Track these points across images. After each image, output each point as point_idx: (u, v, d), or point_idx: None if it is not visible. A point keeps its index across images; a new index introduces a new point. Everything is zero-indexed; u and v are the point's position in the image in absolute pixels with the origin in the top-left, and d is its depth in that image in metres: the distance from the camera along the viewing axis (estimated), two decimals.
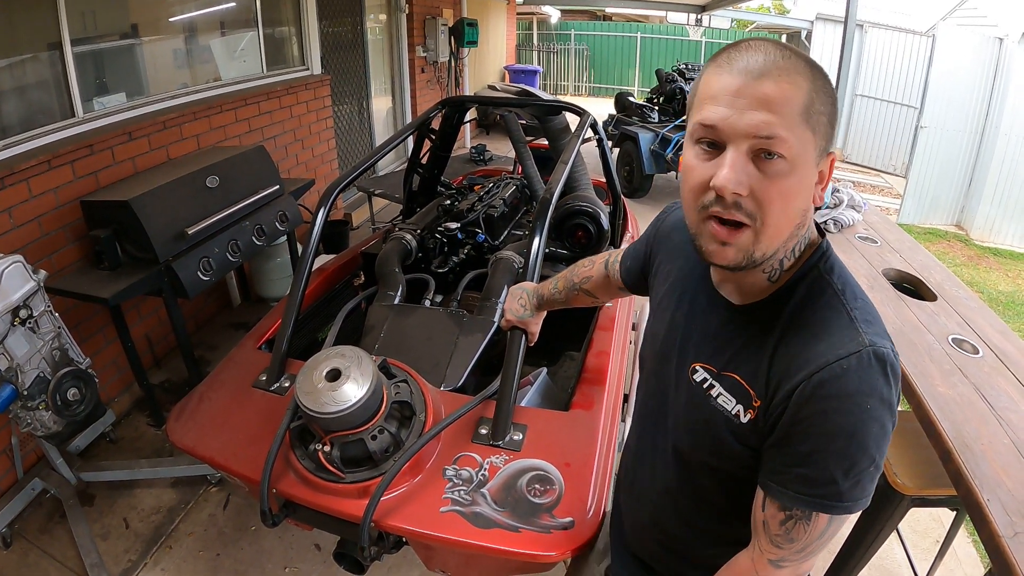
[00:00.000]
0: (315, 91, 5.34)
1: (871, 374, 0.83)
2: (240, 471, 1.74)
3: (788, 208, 0.84)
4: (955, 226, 8.37)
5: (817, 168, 0.85)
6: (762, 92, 0.79)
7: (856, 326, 0.86)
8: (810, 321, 0.90)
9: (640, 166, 7.26)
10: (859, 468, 0.84)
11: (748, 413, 0.93)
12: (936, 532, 2.81)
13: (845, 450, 0.84)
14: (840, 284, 0.91)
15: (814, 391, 0.84)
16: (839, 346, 0.85)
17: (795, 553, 0.93)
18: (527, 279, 1.90)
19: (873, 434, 0.83)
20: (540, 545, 1.48)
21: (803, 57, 0.82)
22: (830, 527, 0.90)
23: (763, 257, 0.87)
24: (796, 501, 0.88)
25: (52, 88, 3.10)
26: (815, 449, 0.85)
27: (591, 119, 2.93)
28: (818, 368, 0.84)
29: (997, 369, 2.08)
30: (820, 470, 0.85)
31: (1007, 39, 7.67)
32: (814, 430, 0.85)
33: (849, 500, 0.86)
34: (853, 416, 0.82)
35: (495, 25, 12.54)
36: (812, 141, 0.82)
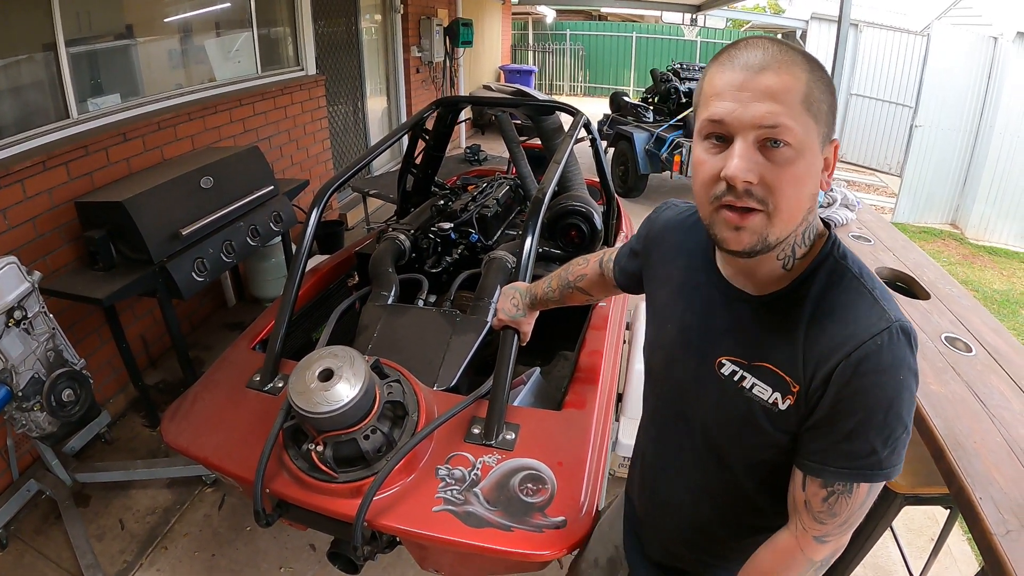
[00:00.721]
0: (310, 91, 5.34)
1: (901, 347, 0.88)
2: (234, 471, 1.75)
3: (798, 192, 0.88)
4: (950, 225, 8.39)
5: (822, 155, 0.89)
6: (764, 84, 0.84)
7: (880, 305, 0.91)
8: (837, 304, 0.93)
9: (635, 166, 7.27)
10: (896, 436, 0.91)
11: (787, 399, 0.96)
12: (931, 530, 2.81)
13: (885, 421, 0.89)
14: (857, 269, 0.96)
15: (855, 369, 0.88)
16: (870, 325, 0.89)
17: (838, 527, 0.97)
18: (520, 279, 1.90)
19: (906, 402, 0.89)
20: (532, 544, 1.49)
21: (799, 51, 0.87)
22: (869, 496, 0.96)
23: (777, 241, 0.90)
24: (839, 476, 0.93)
25: (47, 89, 3.10)
26: (857, 425, 0.90)
27: (584, 119, 2.93)
28: (854, 347, 0.89)
29: (990, 367, 2.08)
30: (862, 443, 0.91)
31: (1001, 38, 7.69)
32: (857, 406, 0.90)
33: (888, 467, 0.92)
34: (890, 388, 0.88)
35: (490, 25, 12.54)
36: (815, 128, 0.86)
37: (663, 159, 6.98)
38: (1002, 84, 7.59)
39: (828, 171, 0.91)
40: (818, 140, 0.87)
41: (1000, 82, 7.64)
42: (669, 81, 8.18)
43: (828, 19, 10.57)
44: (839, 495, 0.94)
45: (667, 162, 6.94)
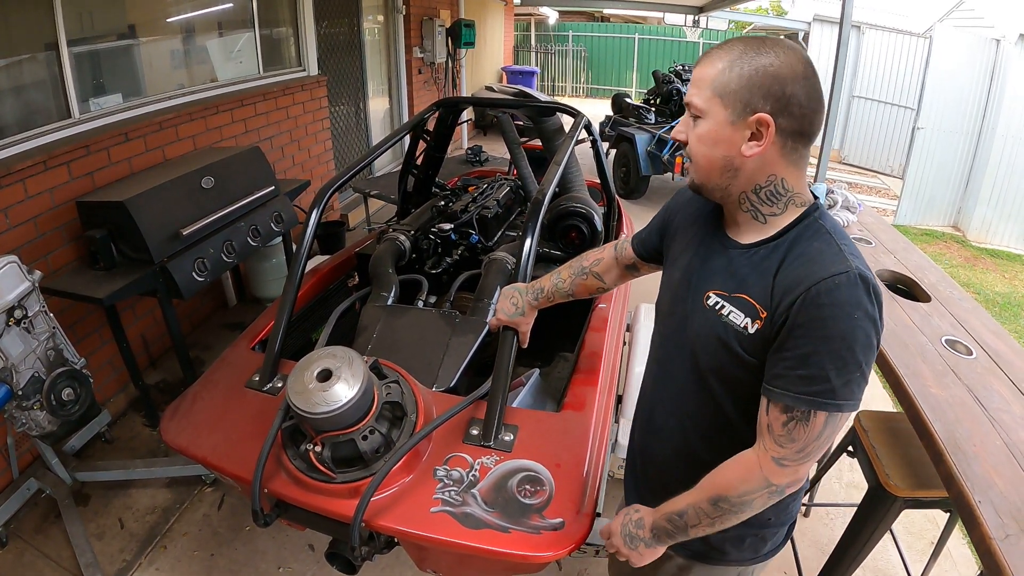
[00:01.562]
0: (311, 92, 5.34)
1: (857, 291, 1.03)
2: (232, 471, 1.74)
3: (704, 148, 1.15)
4: (952, 227, 8.38)
5: (734, 125, 1.10)
6: (695, 75, 1.15)
7: (844, 255, 1.07)
8: (807, 250, 1.11)
9: (636, 167, 7.26)
10: (849, 369, 1.03)
11: (755, 324, 1.13)
12: (931, 534, 2.81)
13: (838, 351, 1.02)
14: (831, 228, 1.13)
15: (812, 300, 1.04)
16: (831, 266, 1.05)
17: (795, 453, 1.09)
18: (519, 280, 1.90)
19: (860, 340, 1.02)
20: (530, 546, 1.48)
21: (736, 47, 1.09)
22: (826, 428, 1.07)
23: (703, 183, 1.19)
24: (797, 400, 1.06)
25: (48, 89, 3.10)
26: (813, 351, 1.04)
27: (585, 120, 2.93)
28: (814, 282, 1.04)
29: (990, 370, 2.08)
30: (816, 368, 1.04)
31: (1004, 40, 7.69)
32: (812, 333, 1.04)
33: (841, 399, 1.04)
34: (843, 322, 1.02)
35: (492, 26, 12.55)
36: (719, 103, 1.10)
37: (664, 161, 6.98)
38: (1004, 86, 7.59)
39: (758, 142, 1.09)
40: (724, 112, 1.10)
41: (1002, 84, 7.64)
42: (671, 83, 8.18)
43: (830, 21, 10.56)
44: (797, 421, 1.07)
45: (668, 164, 6.94)
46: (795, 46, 1.09)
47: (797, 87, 1.06)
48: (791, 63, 1.06)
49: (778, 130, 1.08)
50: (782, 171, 1.13)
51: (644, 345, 2.81)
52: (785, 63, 1.06)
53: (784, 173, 1.13)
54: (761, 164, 1.12)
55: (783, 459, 1.10)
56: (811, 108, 1.08)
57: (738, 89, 1.08)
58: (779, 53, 1.07)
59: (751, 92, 1.07)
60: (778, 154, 1.11)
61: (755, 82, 1.06)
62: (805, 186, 1.17)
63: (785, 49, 1.07)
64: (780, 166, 1.13)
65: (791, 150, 1.11)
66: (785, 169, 1.13)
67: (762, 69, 1.06)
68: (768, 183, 1.14)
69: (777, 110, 1.06)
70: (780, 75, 1.06)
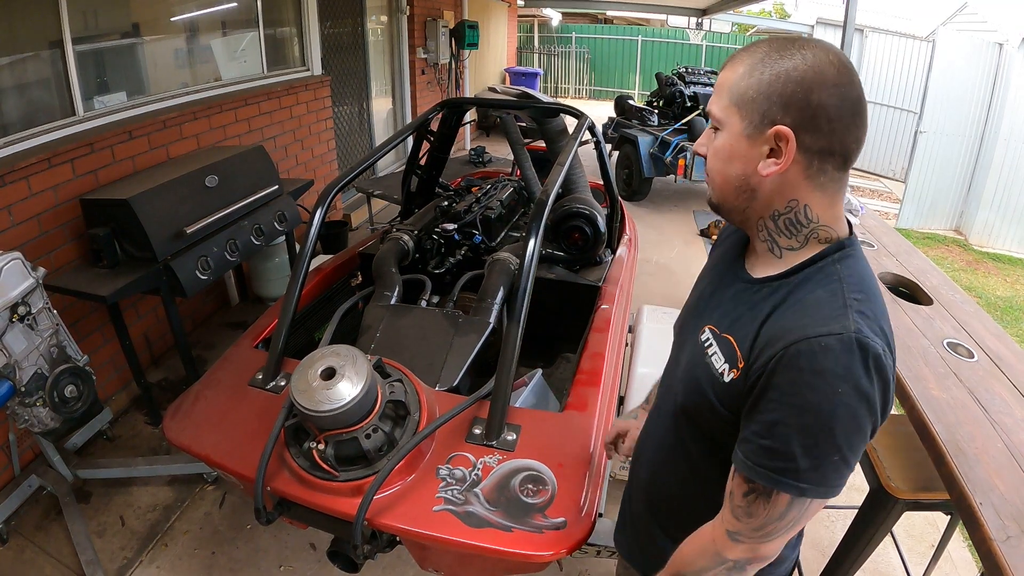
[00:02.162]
0: (315, 92, 5.35)
1: (849, 359, 0.85)
2: (235, 469, 1.75)
3: (719, 164, 1.01)
4: (954, 231, 8.38)
5: (750, 139, 0.95)
6: (717, 80, 1.01)
7: (848, 312, 0.89)
8: (805, 298, 0.95)
9: (639, 169, 7.27)
10: (821, 451, 0.88)
11: (732, 373, 0.99)
12: (932, 536, 2.81)
13: (809, 427, 0.87)
14: (847, 274, 0.95)
15: (791, 361, 0.88)
16: (824, 324, 0.88)
17: (752, 530, 0.96)
18: (523, 280, 1.90)
19: (841, 420, 0.86)
20: (532, 545, 1.49)
21: (766, 46, 0.94)
22: (790, 511, 0.93)
23: (719, 203, 1.05)
24: (757, 473, 0.92)
25: (53, 86, 3.11)
26: (781, 420, 0.89)
27: (588, 122, 2.94)
28: (797, 339, 0.88)
29: (992, 373, 2.08)
30: (782, 442, 0.89)
31: (1007, 44, 7.69)
32: (784, 399, 0.89)
33: (807, 483, 0.89)
34: (821, 394, 0.86)
35: (496, 27, 12.55)
36: (736, 113, 0.96)
37: (667, 162, 6.99)
38: (1007, 90, 7.59)
39: (776, 160, 0.94)
40: (740, 124, 0.95)
41: (1005, 88, 7.64)
42: (674, 85, 8.19)
43: (834, 24, 10.57)
44: (758, 495, 0.94)
45: (671, 165, 6.95)
46: (830, 48, 0.92)
47: (826, 95, 0.89)
48: (820, 67, 0.89)
49: (800, 146, 0.92)
50: (806, 196, 0.96)
51: (646, 347, 2.82)
52: (812, 67, 0.90)
53: (808, 199, 0.96)
54: (780, 186, 0.96)
55: (738, 534, 0.98)
56: (844, 122, 0.91)
57: (756, 97, 0.93)
58: (807, 55, 0.90)
59: (769, 101, 0.92)
60: (801, 175, 0.94)
61: (775, 89, 0.91)
62: (838, 217, 0.99)
63: (816, 51, 0.91)
64: (804, 190, 0.96)
65: (818, 171, 0.94)
66: (809, 194, 0.96)
67: (783, 74, 0.90)
68: (788, 209, 0.98)
69: (800, 123, 0.90)
70: (805, 81, 0.89)
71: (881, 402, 0.88)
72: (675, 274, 5.69)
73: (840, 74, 0.90)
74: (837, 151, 0.93)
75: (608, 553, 2.09)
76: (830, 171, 0.94)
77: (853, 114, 0.91)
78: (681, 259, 6.06)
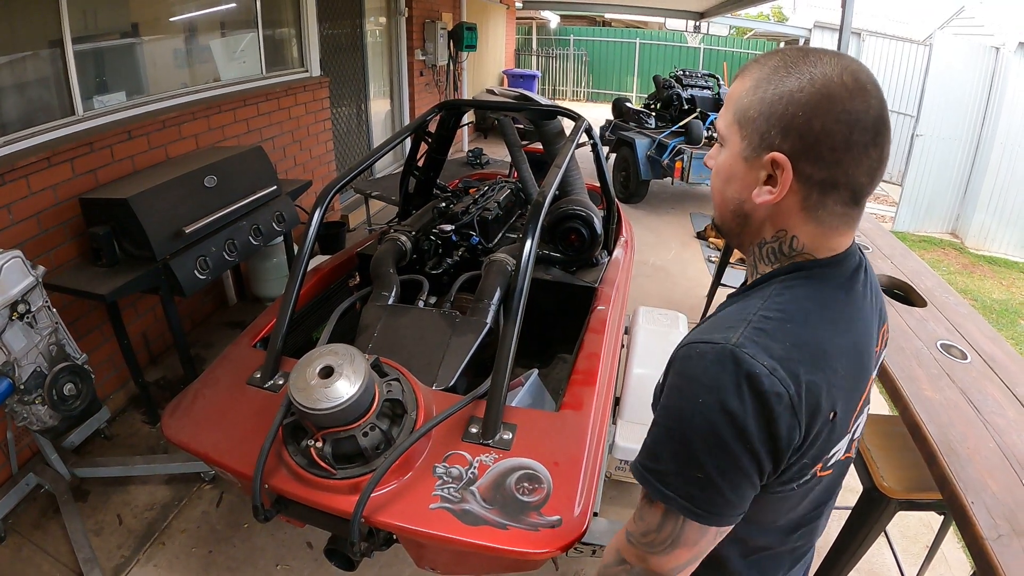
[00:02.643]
0: (313, 93, 5.36)
1: (718, 371, 0.80)
2: (233, 466, 1.76)
3: (719, 183, 0.94)
4: (950, 234, 8.42)
5: (748, 162, 0.88)
6: (729, 89, 0.93)
7: (741, 327, 0.83)
8: (729, 311, 0.92)
9: (636, 171, 7.29)
10: (684, 464, 0.83)
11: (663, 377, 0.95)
12: (926, 537, 2.83)
13: (672, 432, 0.85)
14: (778, 295, 0.89)
15: (672, 363, 0.88)
16: (710, 333, 0.85)
17: (640, 535, 0.92)
18: (519, 281, 1.91)
19: (699, 433, 0.81)
20: (527, 542, 1.50)
21: (777, 59, 0.86)
22: (666, 524, 0.88)
23: (719, 224, 0.99)
24: (642, 479, 0.89)
25: (53, 86, 3.12)
26: (656, 420, 0.88)
27: (586, 124, 2.95)
28: (684, 343, 0.87)
29: (985, 374, 2.10)
30: (652, 440, 0.88)
31: (1003, 48, 7.73)
32: (664, 400, 0.87)
33: (670, 490, 0.85)
34: (684, 400, 0.83)
35: (494, 29, 12.58)
36: (738, 132, 0.88)
37: (664, 165, 7.00)
38: (1003, 94, 7.63)
39: (771, 188, 0.86)
40: (740, 143, 0.88)
41: (1001, 92, 7.68)
42: (671, 88, 8.22)
43: (831, 27, 10.62)
44: (644, 500, 0.92)
45: (668, 168, 6.97)
46: (849, 64, 0.81)
47: (831, 121, 0.79)
48: (829, 88, 0.79)
49: (799, 176, 0.83)
50: (796, 228, 0.89)
51: (642, 348, 2.84)
52: (821, 89, 0.80)
53: (799, 231, 0.89)
54: (773, 215, 0.89)
55: (631, 535, 0.94)
56: (853, 153, 0.81)
57: (757, 117, 0.84)
58: (817, 74, 0.80)
59: (769, 123, 0.83)
60: (797, 206, 0.86)
61: (776, 110, 0.82)
62: (832, 249, 0.90)
63: (829, 68, 0.81)
64: (796, 221, 0.88)
65: (816, 204, 0.85)
66: (801, 226, 0.88)
67: (787, 95, 0.81)
68: (775, 239, 0.91)
69: (799, 151, 0.82)
70: (809, 104, 0.80)
71: (757, 429, 0.79)
72: (672, 276, 5.71)
73: (853, 97, 0.79)
74: (842, 184, 0.83)
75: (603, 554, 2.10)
76: (831, 205, 0.85)
77: (866, 144, 0.81)
78: (678, 261, 6.08)
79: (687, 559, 0.90)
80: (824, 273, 0.90)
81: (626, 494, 2.94)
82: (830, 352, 0.86)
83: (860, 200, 0.86)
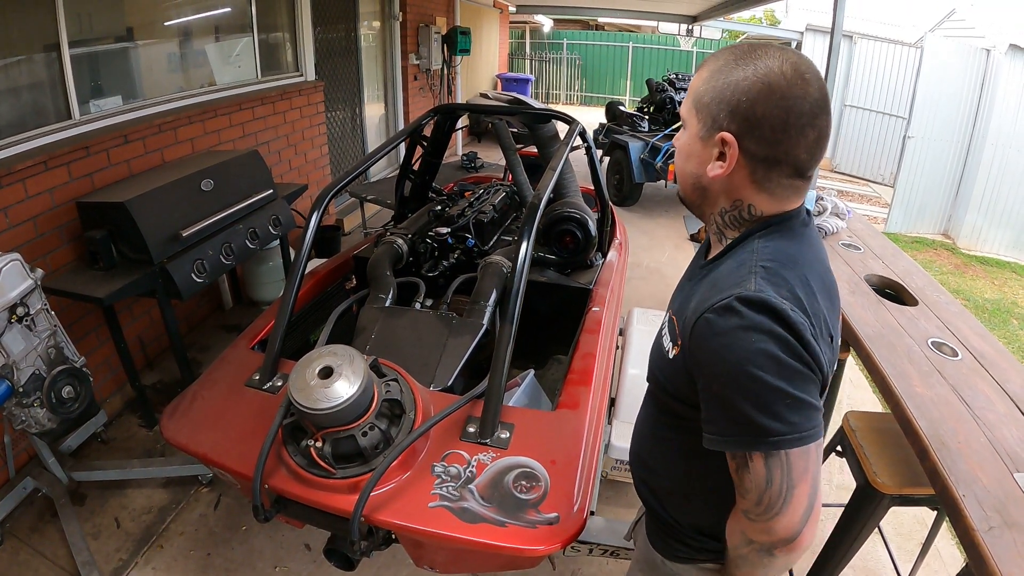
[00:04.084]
0: (309, 97, 5.38)
1: (754, 315, 0.90)
2: (233, 467, 1.77)
3: (680, 160, 1.10)
4: (942, 235, 8.47)
5: (703, 141, 1.03)
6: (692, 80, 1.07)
7: (751, 277, 0.94)
8: (721, 271, 1.03)
9: (630, 174, 7.32)
10: (768, 400, 0.90)
11: (674, 349, 1.07)
12: (919, 535, 2.85)
13: (743, 385, 0.91)
14: (762, 247, 1.01)
15: (702, 332, 0.95)
16: (726, 289, 0.95)
17: (755, 506, 0.97)
18: (515, 283, 1.93)
19: (764, 365, 0.89)
20: (526, 539, 1.52)
21: (729, 54, 1.00)
22: (772, 472, 0.93)
23: (683, 197, 1.15)
24: (729, 444, 0.96)
25: (49, 90, 3.13)
26: (722, 391, 0.94)
27: (580, 127, 2.97)
28: (704, 311, 0.95)
29: (975, 371, 2.12)
30: (731, 409, 0.93)
31: (994, 50, 7.79)
32: (713, 371, 0.95)
33: (775, 434, 0.91)
34: (735, 351, 0.91)
35: (488, 33, 12.61)
36: (695, 116, 1.03)
37: (658, 168, 7.04)
38: (994, 95, 7.69)
39: (722, 163, 1.00)
40: (697, 126, 1.03)
41: (992, 93, 7.75)
42: (664, 91, 8.26)
43: (823, 31, 10.67)
44: (740, 467, 0.97)
45: (662, 171, 7.01)
46: (790, 57, 0.95)
47: (772, 107, 0.93)
48: (769, 79, 0.94)
49: (744, 153, 0.98)
50: (751, 197, 1.03)
51: (637, 348, 2.86)
52: (763, 78, 0.94)
53: (753, 199, 1.03)
54: (727, 187, 1.04)
55: (748, 512, 1.00)
56: (790, 133, 0.95)
57: (709, 103, 0.99)
58: (760, 66, 0.95)
59: (720, 107, 0.98)
60: (747, 179, 1.01)
61: (724, 97, 0.97)
62: (786, 210, 1.04)
63: (772, 61, 0.95)
64: (748, 191, 1.02)
65: (763, 177, 1.00)
66: (755, 196, 1.02)
67: (733, 83, 0.96)
68: (734, 208, 1.05)
69: (744, 131, 0.96)
70: (751, 91, 0.94)
71: (803, 346, 0.90)
72: (665, 277, 5.74)
73: (792, 86, 0.93)
74: (784, 160, 0.97)
75: (600, 551, 2.12)
76: (776, 178, 0.99)
77: (803, 125, 0.94)
78: (671, 263, 6.11)
79: (807, 493, 0.95)
80: (791, 224, 1.04)
81: (622, 494, 2.96)
82: (815, 288, 0.98)
83: (804, 173, 1.00)
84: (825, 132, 0.97)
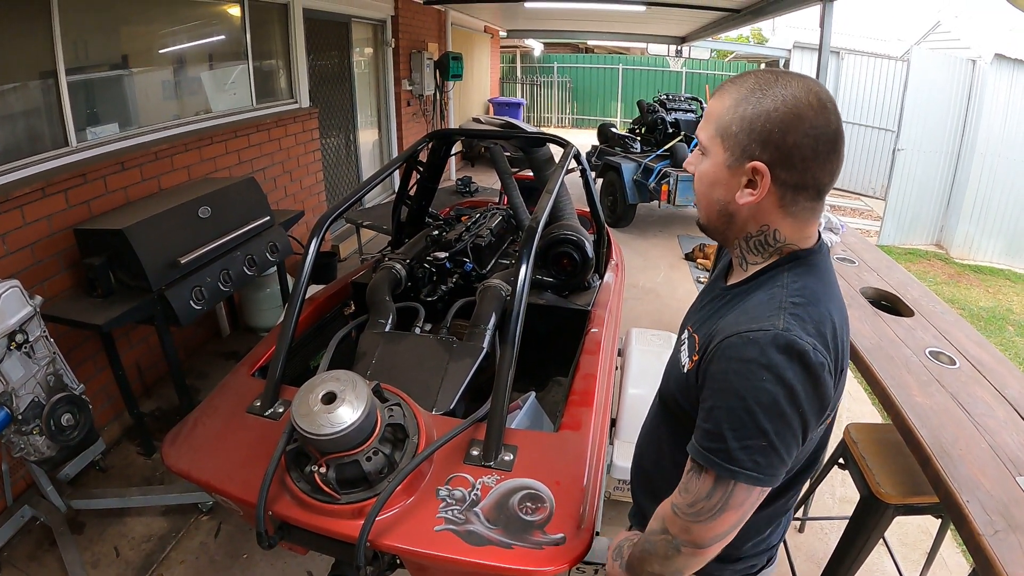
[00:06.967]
0: (303, 124, 5.42)
1: (773, 352, 0.94)
2: (236, 494, 1.76)
3: (703, 187, 1.11)
4: (935, 245, 8.52)
5: (731, 169, 1.04)
6: (707, 107, 1.09)
7: (780, 314, 0.98)
8: (750, 301, 1.06)
9: (623, 196, 7.36)
10: (748, 434, 0.96)
11: (689, 363, 1.12)
12: (925, 544, 2.84)
13: (734, 410, 0.96)
14: (791, 281, 1.05)
15: (722, 352, 0.99)
16: (755, 322, 0.98)
17: (687, 506, 1.05)
18: (514, 306, 1.93)
19: (763, 404, 0.94)
20: (532, 561, 1.51)
21: (752, 81, 1.02)
22: (716, 491, 1.00)
23: (705, 224, 1.16)
24: (696, 453, 1.02)
25: (46, 117, 3.15)
26: (714, 405, 1.00)
27: (574, 150, 3.00)
28: (732, 334, 0.99)
29: (974, 378, 2.14)
30: (714, 424, 0.99)
31: (980, 60, 7.89)
32: (715, 386, 1.00)
33: (737, 465, 0.97)
34: (744, 380, 0.95)
35: (479, 58, 12.73)
36: (720, 144, 1.04)
37: (651, 189, 7.07)
38: (982, 105, 7.78)
39: (753, 191, 1.03)
40: (723, 154, 1.04)
41: (980, 103, 7.83)
42: (655, 112, 8.33)
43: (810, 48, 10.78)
44: (692, 472, 1.04)
45: (655, 192, 7.03)
46: (812, 86, 0.99)
47: (801, 136, 0.97)
48: (799, 109, 0.97)
49: (775, 181, 1.01)
50: (777, 222, 1.06)
51: (636, 368, 2.86)
52: (792, 109, 0.97)
53: (779, 224, 1.06)
54: (755, 213, 1.06)
55: (676, 506, 1.07)
56: (819, 160, 0.99)
57: (738, 132, 1.01)
58: (787, 96, 0.98)
59: (750, 138, 1.00)
60: (775, 205, 1.04)
61: (755, 127, 0.99)
62: (807, 237, 1.09)
63: (798, 90, 0.98)
64: (775, 217, 1.06)
65: (791, 202, 1.03)
66: (781, 220, 1.06)
67: (764, 114, 0.98)
68: (759, 233, 1.08)
69: (776, 160, 0.99)
70: (783, 122, 0.97)
71: (807, 397, 0.95)
72: (661, 297, 5.75)
73: (818, 115, 0.97)
74: (810, 185, 1.01)
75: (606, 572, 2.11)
76: (802, 202, 1.03)
77: (828, 152, 0.99)
78: (667, 283, 6.13)
79: (733, 522, 1.02)
80: (816, 260, 1.08)
81: (624, 514, 2.93)
82: (838, 323, 1.03)
83: (822, 195, 1.05)
84: (843, 155, 1.03)
